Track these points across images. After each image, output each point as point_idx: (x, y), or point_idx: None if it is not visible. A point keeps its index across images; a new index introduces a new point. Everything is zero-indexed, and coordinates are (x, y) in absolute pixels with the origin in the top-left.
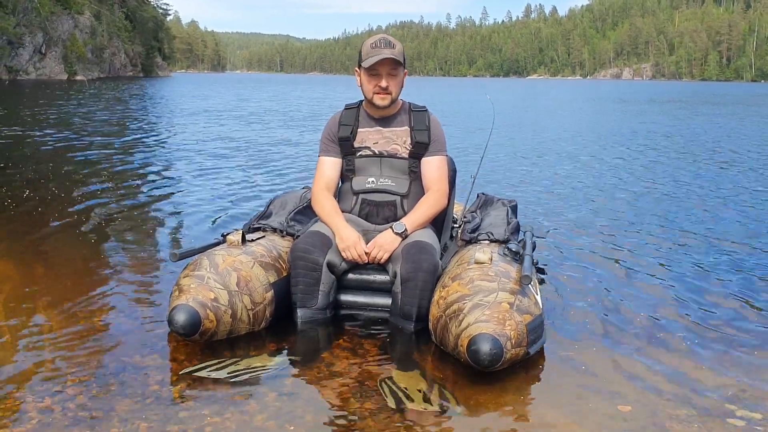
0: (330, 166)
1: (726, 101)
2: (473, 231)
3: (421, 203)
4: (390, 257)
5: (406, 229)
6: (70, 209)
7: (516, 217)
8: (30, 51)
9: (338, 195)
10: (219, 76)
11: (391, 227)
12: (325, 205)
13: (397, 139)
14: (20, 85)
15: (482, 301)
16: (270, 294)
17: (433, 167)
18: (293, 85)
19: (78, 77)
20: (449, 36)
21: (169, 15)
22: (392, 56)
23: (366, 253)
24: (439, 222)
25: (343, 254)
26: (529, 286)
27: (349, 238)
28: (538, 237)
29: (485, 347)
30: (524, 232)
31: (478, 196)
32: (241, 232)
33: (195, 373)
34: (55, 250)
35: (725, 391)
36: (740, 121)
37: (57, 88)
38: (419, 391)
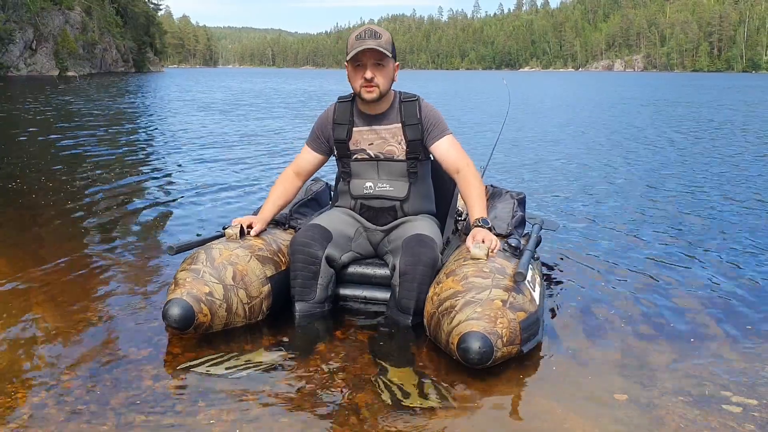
0: (311, 158)
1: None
2: None
3: (468, 189)
4: (390, 249)
5: (490, 224)
6: (63, 203)
7: (523, 211)
8: (20, 47)
9: (336, 194)
10: (211, 71)
11: (479, 226)
12: (277, 189)
13: (393, 138)
14: (11, 82)
15: (474, 298)
16: (267, 288)
17: (444, 149)
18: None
19: (69, 73)
20: (441, 29)
21: (161, 10)
22: (376, 47)
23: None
24: (442, 215)
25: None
26: (526, 282)
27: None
28: (548, 230)
29: (474, 345)
30: (532, 225)
31: (486, 188)
32: (239, 225)
33: (193, 369)
34: (49, 244)
35: (721, 378)
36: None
37: (48, 84)
38: (415, 386)
